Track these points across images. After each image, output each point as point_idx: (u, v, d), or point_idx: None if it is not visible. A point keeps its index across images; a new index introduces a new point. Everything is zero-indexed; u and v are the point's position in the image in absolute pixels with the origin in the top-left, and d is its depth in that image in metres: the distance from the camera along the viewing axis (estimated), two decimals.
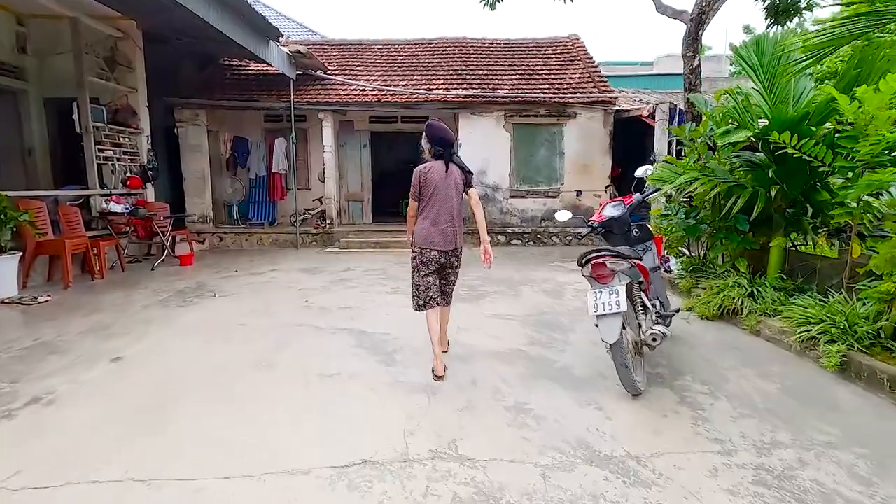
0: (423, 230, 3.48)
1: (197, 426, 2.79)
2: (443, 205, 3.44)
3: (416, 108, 10.04)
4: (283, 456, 2.47)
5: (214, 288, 6.28)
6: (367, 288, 6.31)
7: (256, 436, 2.68)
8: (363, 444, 2.58)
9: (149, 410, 2.97)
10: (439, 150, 3.47)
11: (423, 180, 3.45)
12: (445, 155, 3.48)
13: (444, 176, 3.44)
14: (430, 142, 3.51)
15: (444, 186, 3.44)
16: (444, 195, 3.44)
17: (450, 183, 3.46)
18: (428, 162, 3.51)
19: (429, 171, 3.44)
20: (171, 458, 2.45)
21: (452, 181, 3.47)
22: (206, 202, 10.07)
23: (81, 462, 2.42)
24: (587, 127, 9.98)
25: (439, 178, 3.43)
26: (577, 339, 4.31)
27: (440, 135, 3.46)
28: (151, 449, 2.55)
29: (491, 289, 6.26)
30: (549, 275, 7.20)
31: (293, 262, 8.36)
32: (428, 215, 3.47)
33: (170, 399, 3.12)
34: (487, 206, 10.13)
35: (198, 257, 8.70)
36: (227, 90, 10.09)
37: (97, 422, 2.83)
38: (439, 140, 3.46)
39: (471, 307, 5.40)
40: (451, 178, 3.46)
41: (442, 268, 3.60)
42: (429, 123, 3.53)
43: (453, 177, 3.48)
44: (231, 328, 4.60)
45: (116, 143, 8.16)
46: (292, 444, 2.60)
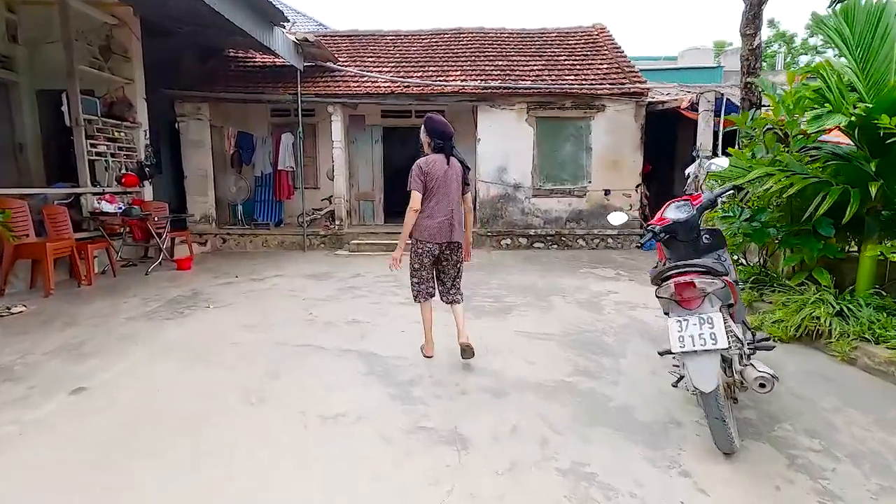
0: (421, 222, 3.48)
1: (160, 494, 2.13)
2: (442, 198, 3.45)
3: (431, 100, 9.36)
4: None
5: (210, 297, 5.65)
6: (379, 298, 5.63)
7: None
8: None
9: (100, 469, 2.32)
10: (439, 143, 3.46)
11: (426, 173, 3.41)
12: (446, 148, 3.46)
13: (444, 169, 3.44)
14: (429, 135, 3.49)
15: (444, 180, 3.43)
16: (444, 189, 3.44)
17: (450, 176, 3.46)
18: (428, 155, 3.48)
19: (430, 164, 3.42)
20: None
21: (453, 175, 3.48)
22: (208, 201, 9.49)
23: None
24: (617, 120, 9.21)
25: (440, 172, 3.42)
26: (630, 366, 3.59)
27: (440, 128, 3.46)
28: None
29: (517, 299, 5.55)
30: (579, 283, 6.46)
31: (299, 266, 7.72)
32: (427, 208, 3.46)
33: (131, 451, 2.47)
34: (507, 207, 9.43)
35: (198, 260, 8.11)
36: (231, 82, 9.50)
37: (25, 488, 2.19)
38: (440, 133, 3.46)
39: (497, 322, 4.70)
40: (451, 172, 3.47)
41: (439, 260, 3.61)
42: (428, 116, 3.52)
43: (454, 170, 3.48)
44: (221, 348, 3.95)
45: (111, 138, 7.59)
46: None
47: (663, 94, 10.01)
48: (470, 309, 5.06)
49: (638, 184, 9.40)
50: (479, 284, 6.30)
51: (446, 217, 3.47)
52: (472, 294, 5.70)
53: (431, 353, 3.69)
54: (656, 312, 4.97)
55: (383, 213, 10.78)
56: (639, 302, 5.45)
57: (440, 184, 3.43)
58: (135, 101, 8.03)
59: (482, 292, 5.88)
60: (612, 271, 7.28)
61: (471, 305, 5.24)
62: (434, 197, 3.45)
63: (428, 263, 3.57)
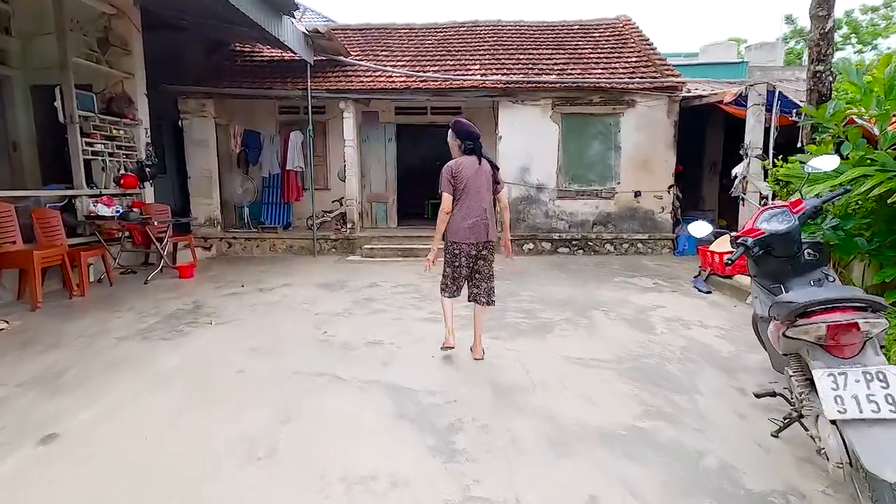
0: (455, 224, 3.52)
1: None
2: (474, 199, 3.48)
3: (449, 96, 8.78)
4: None
5: (212, 310, 5.10)
6: (399, 312, 5.06)
7: None
8: None
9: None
10: (470, 145, 3.50)
11: (456, 174, 3.45)
12: (476, 148, 3.50)
13: (475, 170, 3.47)
14: (458, 137, 3.55)
15: (475, 181, 3.47)
16: (475, 189, 3.48)
17: (481, 177, 3.49)
18: (457, 158, 3.54)
19: (461, 166, 3.46)
20: None
21: (484, 176, 3.51)
22: (213, 204, 8.97)
23: None
24: (648, 117, 8.59)
25: (471, 173, 3.46)
26: (711, 407, 2.99)
27: (468, 129, 3.52)
28: None
29: (554, 314, 4.96)
30: (619, 294, 5.86)
31: (309, 273, 7.17)
32: (460, 210, 3.50)
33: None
34: (530, 209, 8.83)
35: (202, 267, 7.58)
36: (238, 78, 8.98)
37: None
38: (467, 135, 3.50)
39: (537, 344, 4.12)
40: (482, 173, 3.50)
41: (474, 260, 3.63)
42: (456, 120, 3.61)
43: (484, 171, 3.51)
44: (223, 378, 3.40)
45: (109, 136, 7.08)
46: None
47: (697, 89, 9.37)
48: (504, 327, 4.49)
49: (670, 185, 8.78)
50: (509, 296, 5.72)
51: (480, 217, 3.50)
52: (502, 308, 5.12)
53: (453, 345, 3.66)
54: (715, 332, 4.38)
55: (397, 216, 10.22)
56: (691, 319, 4.84)
57: (471, 185, 3.46)
58: (135, 96, 7.52)
59: (513, 305, 5.30)
60: (650, 280, 6.67)
61: (503, 322, 4.67)
62: (466, 198, 3.48)
63: (465, 263, 3.60)
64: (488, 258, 3.66)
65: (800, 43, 27.82)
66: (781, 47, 18.64)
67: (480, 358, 3.68)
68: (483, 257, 3.63)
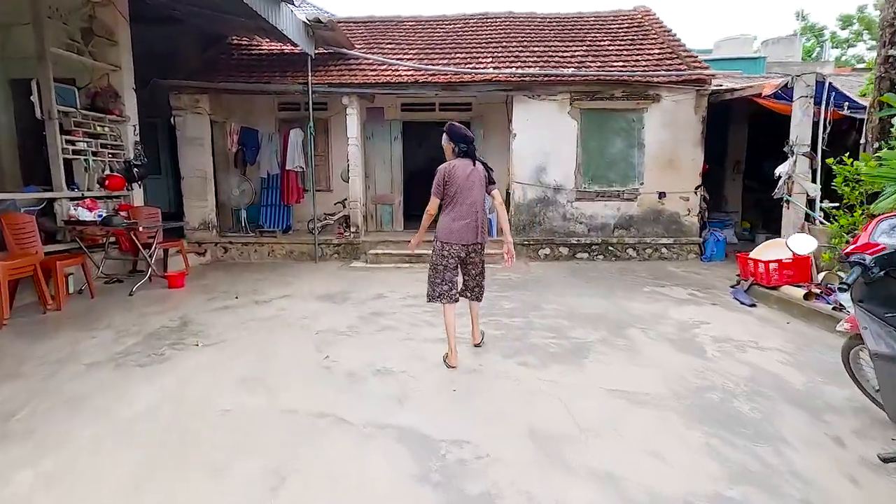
0: (446, 225, 3.57)
1: None
2: (466, 200, 3.52)
3: (459, 90, 8.20)
4: None
5: (201, 328, 4.53)
6: (411, 331, 4.48)
7: None
8: None
9: None
10: (464, 147, 3.58)
11: (448, 177, 3.52)
12: (470, 151, 3.58)
13: (468, 172, 3.53)
14: (452, 140, 3.61)
15: (467, 182, 3.52)
16: (467, 191, 3.52)
17: (473, 179, 3.54)
18: (451, 160, 3.59)
19: (454, 168, 3.53)
20: None
21: (476, 177, 3.56)
22: (208, 206, 8.41)
23: None
24: (674, 112, 8.00)
25: (463, 175, 3.51)
26: (810, 466, 2.39)
27: (462, 132, 3.60)
28: None
29: (586, 333, 4.38)
30: (653, 308, 5.28)
31: (310, 282, 6.60)
32: (452, 211, 3.55)
33: None
34: (547, 212, 8.25)
35: (194, 274, 7.02)
36: (235, 72, 8.41)
37: None
38: (462, 138, 3.58)
39: (574, 372, 3.53)
40: (474, 175, 3.55)
41: (464, 262, 3.68)
42: (450, 124, 3.69)
43: (477, 173, 3.57)
44: (204, 421, 2.82)
45: (92, 134, 6.53)
46: None
47: (721, 84, 8.76)
48: (531, 349, 3.91)
49: (698, 185, 8.18)
50: (531, 309, 5.15)
51: (471, 219, 3.54)
52: (526, 326, 4.56)
53: (455, 364, 3.61)
54: (777, 356, 3.79)
55: (403, 218, 9.64)
56: (743, 339, 4.25)
57: (462, 187, 3.50)
58: (122, 91, 6.97)
59: (538, 322, 4.71)
60: (683, 291, 6.07)
61: (529, 343, 4.10)
62: (457, 200, 3.51)
63: (452, 265, 3.61)
64: (476, 259, 3.71)
65: (811, 40, 27.16)
66: (799, 42, 17.99)
67: (479, 344, 3.91)
68: (472, 259, 3.67)
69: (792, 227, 5.86)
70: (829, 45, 22.51)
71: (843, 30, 26.56)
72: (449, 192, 3.52)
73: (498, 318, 4.82)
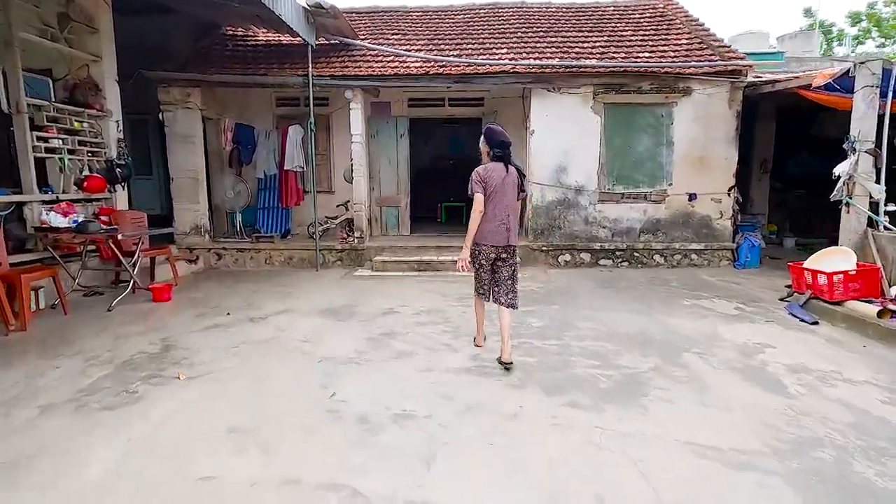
0: (479, 227, 3.58)
1: None
2: (499, 203, 3.55)
3: (474, 83, 7.56)
4: None
5: (185, 355, 3.89)
6: (430, 358, 3.84)
7: None
8: None
9: None
10: (498, 152, 3.59)
11: (484, 179, 3.53)
12: (504, 156, 3.59)
13: (503, 176, 3.55)
14: (488, 144, 3.64)
15: (501, 186, 3.54)
16: (500, 194, 3.54)
17: (508, 183, 3.56)
18: (486, 164, 3.62)
19: (489, 172, 3.55)
20: None
21: (510, 181, 3.58)
22: (200, 209, 7.75)
23: None
24: (706, 107, 7.36)
25: (498, 179, 3.54)
26: None
27: (499, 138, 3.60)
28: None
29: (637, 361, 3.74)
30: (700, 325, 4.64)
31: (311, 293, 5.96)
32: (484, 213, 3.55)
33: None
34: (567, 215, 7.61)
35: (185, 284, 6.38)
36: (229, 64, 7.76)
37: None
38: (498, 143, 3.59)
39: (637, 416, 2.88)
40: (509, 179, 3.57)
41: (495, 263, 3.68)
42: (487, 126, 3.74)
43: (511, 177, 3.59)
44: (177, 495, 2.18)
45: (69, 130, 5.88)
46: None
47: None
48: (578, 383, 3.27)
49: (731, 186, 7.54)
50: (564, 328, 4.51)
51: (503, 222, 3.58)
52: (563, 350, 3.93)
53: (481, 344, 3.96)
54: (876, 393, 3.16)
55: (409, 222, 8.99)
56: (823, 368, 3.61)
57: (497, 190, 3.53)
58: (103, 83, 6.32)
59: (576, 345, 4.07)
60: (728, 304, 5.44)
61: (574, 374, 3.47)
62: (491, 203, 3.55)
63: (486, 265, 3.68)
64: (508, 261, 3.69)
65: (819, 37, 26.54)
66: (818, 37, 17.36)
67: (509, 361, 3.57)
68: (503, 260, 3.68)
69: (853, 234, 5.22)
70: (850, 38, 21.87)
71: (853, 27, 26.01)
72: (485, 193, 3.54)
73: (529, 341, 4.18)
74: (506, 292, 3.67)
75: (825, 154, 10.20)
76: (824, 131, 9.68)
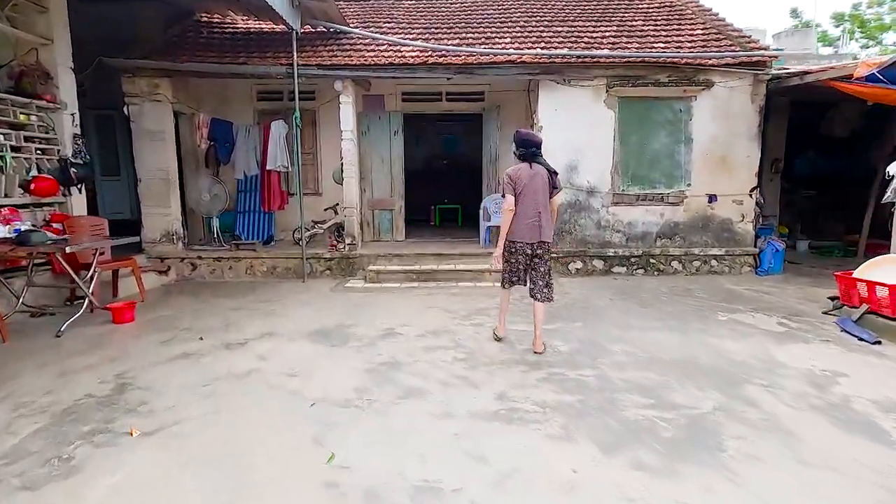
0: (513, 224, 3.81)
1: None
2: (530, 201, 3.75)
3: (476, 74, 6.90)
4: None
5: (143, 397, 3.14)
6: (448, 399, 3.15)
7: None
8: None
9: None
10: (522, 151, 3.82)
11: (514, 180, 3.75)
12: (528, 155, 3.80)
13: (531, 175, 3.76)
14: (515, 145, 3.87)
15: (531, 185, 3.75)
16: (531, 192, 3.75)
17: (537, 181, 3.76)
18: (517, 164, 3.84)
19: (518, 172, 3.78)
20: None
21: (539, 179, 3.77)
22: (171, 214, 6.94)
23: None
24: (727, 101, 6.81)
25: (527, 178, 3.75)
26: None
27: (522, 137, 3.86)
28: None
29: (696, 398, 3.11)
30: (748, 346, 4.05)
31: (298, 310, 5.23)
32: (517, 211, 3.77)
33: None
34: (579, 219, 6.99)
35: (152, 301, 5.61)
36: (203, 52, 6.97)
37: None
38: (521, 142, 3.83)
39: (724, 482, 2.25)
40: (538, 177, 3.77)
41: (530, 258, 3.86)
42: (516, 131, 3.96)
43: (540, 175, 3.78)
44: None
45: (13, 124, 5.07)
46: None
47: None
48: (633, 433, 2.64)
49: (753, 187, 7.02)
50: (596, 352, 3.89)
51: (534, 219, 3.76)
52: (603, 384, 3.30)
53: (502, 334, 4.14)
54: None
55: (405, 226, 8.29)
56: None
57: (527, 188, 3.74)
58: (55, 70, 5.50)
59: (616, 377, 3.44)
60: (768, 318, 4.87)
61: (624, 418, 2.87)
62: (522, 200, 3.75)
63: (523, 261, 3.86)
64: (543, 257, 3.86)
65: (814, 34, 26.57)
66: (815, 34, 17.11)
67: (541, 352, 3.83)
68: (538, 255, 3.85)
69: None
70: (847, 35, 21.77)
71: (836, 27, 26.11)
72: (516, 192, 3.75)
73: (561, 371, 3.54)
74: (541, 288, 3.86)
75: (834, 153, 9.84)
76: (833, 129, 9.27)
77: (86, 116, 8.91)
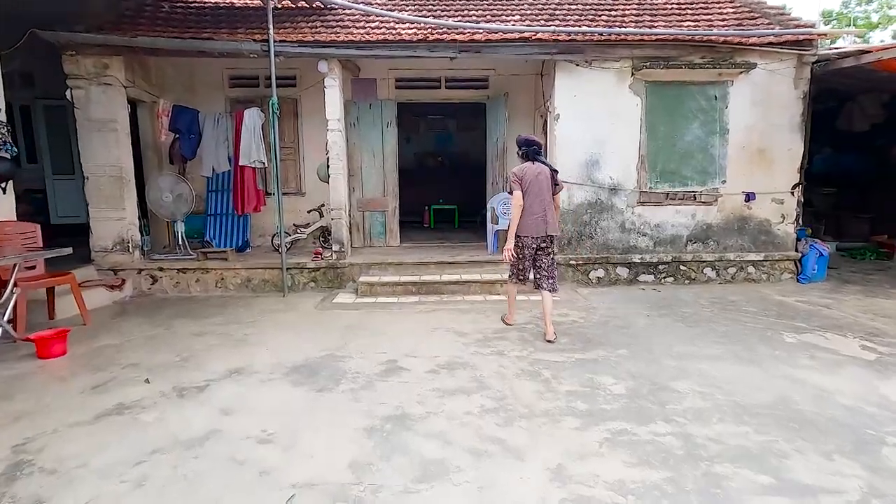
0: (520, 220, 4.00)
1: None
2: (535, 198, 3.98)
3: (484, 54, 5.98)
4: None
5: (43, 488, 2.16)
6: (484, 477, 2.23)
7: None
8: None
9: None
10: (524, 150, 4.10)
11: (520, 178, 3.98)
12: (531, 153, 4.06)
13: (535, 173, 3.99)
14: (518, 146, 4.17)
15: (536, 182, 3.97)
16: (536, 190, 3.98)
17: (541, 179, 4.00)
18: (521, 164, 4.10)
19: (524, 170, 4.01)
20: None
21: (543, 177, 4.01)
22: (126, 218, 5.89)
23: None
24: (766, 86, 6.02)
25: (532, 175, 3.98)
26: None
27: (523, 138, 4.16)
28: None
29: (828, 473, 2.25)
30: (847, 383, 3.22)
31: (276, 336, 4.26)
32: (524, 207, 3.97)
33: None
34: (600, 220, 6.13)
35: (98, 323, 4.59)
36: (162, 26, 5.94)
37: None
38: (523, 142, 4.13)
39: None
40: (541, 175, 4.01)
41: (535, 252, 4.08)
42: (518, 136, 4.28)
43: (543, 173, 4.02)
44: None
45: None
46: None
47: None
48: None
49: (795, 183, 6.23)
50: (660, 395, 3.01)
51: (540, 214, 3.98)
52: (685, 444, 2.45)
53: (512, 322, 4.42)
54: None
55: (399, 229, 7.34)
56: None
57: (533, 185, 3.96)
58: None
59: (700, 433, 2.57)
60: (843, 338, 4.07)
61: None
62: (529, 197, 3.96)
63: (529, 255, 4.07)
64: (547, 250, 4.09)
65: None
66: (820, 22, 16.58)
67: (553, 339, 3.96)
68: (542, 249, 4.08)
69: None
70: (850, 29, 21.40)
71: (826, 25, 25.97)
72: (522, 189, 3.96)
73: (626, 426, 2.65)
74: (547, 278, 4.10)
75: (852, 150, 9.16)
76: (852, 124, 8.59)
77: (35, 107, 7.86)
